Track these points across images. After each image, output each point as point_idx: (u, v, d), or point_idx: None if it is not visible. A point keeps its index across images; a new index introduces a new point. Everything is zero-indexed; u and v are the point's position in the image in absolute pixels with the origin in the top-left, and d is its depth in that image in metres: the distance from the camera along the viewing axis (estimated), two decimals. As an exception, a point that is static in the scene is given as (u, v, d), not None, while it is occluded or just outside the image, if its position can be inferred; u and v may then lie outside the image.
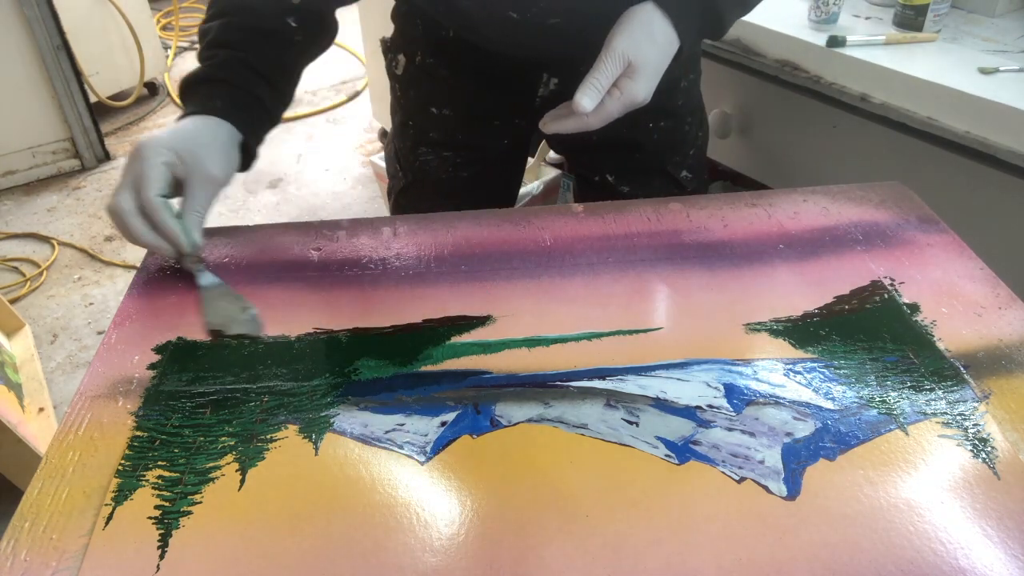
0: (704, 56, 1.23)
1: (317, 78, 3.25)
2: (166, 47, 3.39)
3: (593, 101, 0.66)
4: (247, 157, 0.73)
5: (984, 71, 0.95)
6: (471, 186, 0.97)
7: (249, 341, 0.62)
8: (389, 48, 0.94)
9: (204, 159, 0.66)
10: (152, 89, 3.07)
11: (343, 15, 0.82)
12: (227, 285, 0.67)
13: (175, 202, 0.67)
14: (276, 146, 2.77)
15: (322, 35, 0.79)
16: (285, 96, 0.76)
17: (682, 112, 0.94)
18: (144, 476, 0.51)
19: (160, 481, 0.51)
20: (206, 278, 0.68)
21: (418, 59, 0.90)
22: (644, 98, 0.69)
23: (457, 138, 0.94)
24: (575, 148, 0.98)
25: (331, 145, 2.78)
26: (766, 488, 0.49)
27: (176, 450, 0.53)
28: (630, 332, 0.62)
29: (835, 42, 1.04)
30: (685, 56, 0.70)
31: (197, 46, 0.77)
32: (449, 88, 0.90)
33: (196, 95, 0.70)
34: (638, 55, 0.66)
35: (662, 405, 0.56)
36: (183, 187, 0.67)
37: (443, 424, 0.55)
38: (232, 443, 0.53)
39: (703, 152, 1.01)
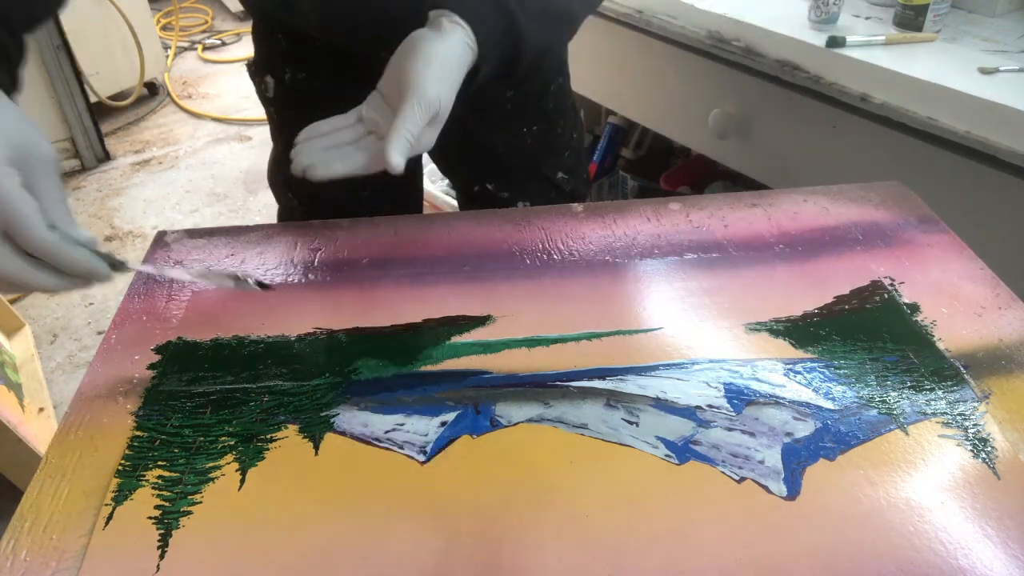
0: (704, 56, 1.24)
1: (317, 78, 3.24)
2: (166, 47, 3.40)
3: (405, 158, 0.58)
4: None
5: (984, 71, 0.95)
6: (372, 202, 0.88)
7: (260, 340, 0.62)
8: (255, 72, 0.88)
9: (36, 142, 0.51)
10: (152, 89, 3.07)
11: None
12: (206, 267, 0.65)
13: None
14: (276, 146, 2.77)
15: None
16: (24, 34, 0.64)
17: (553, 116, 0.94)
18: (144, 476, 0.51)
19: (160, 481, 0.51)
20: (173, 271, 0.63)
21: (288, 76, 0.85)
22: (431, 146, 0.62)
23: None
24: (450, 160, 0.96)
25: (331, 145, 2.77)
26: (766, 488, 0.49)
27: (176, 450, 0.53)
28: (630, 332, 0.62)
29: (835, 42, 1.04)
30: (551, 60, 0.64)
31: (198, 46, 0.73)
32: (328, 100, 0.77)
33: None
34: (447, 102, 0.59)
35: (662, 405, 0.56)
36: (31, 186, 0.49)
37: (443, 424, 0.55)
38: (232, 443, 0.53)
39: (579, 153, 1.02)
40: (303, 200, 0.92)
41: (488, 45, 0.61)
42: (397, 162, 0.57)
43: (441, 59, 0.58)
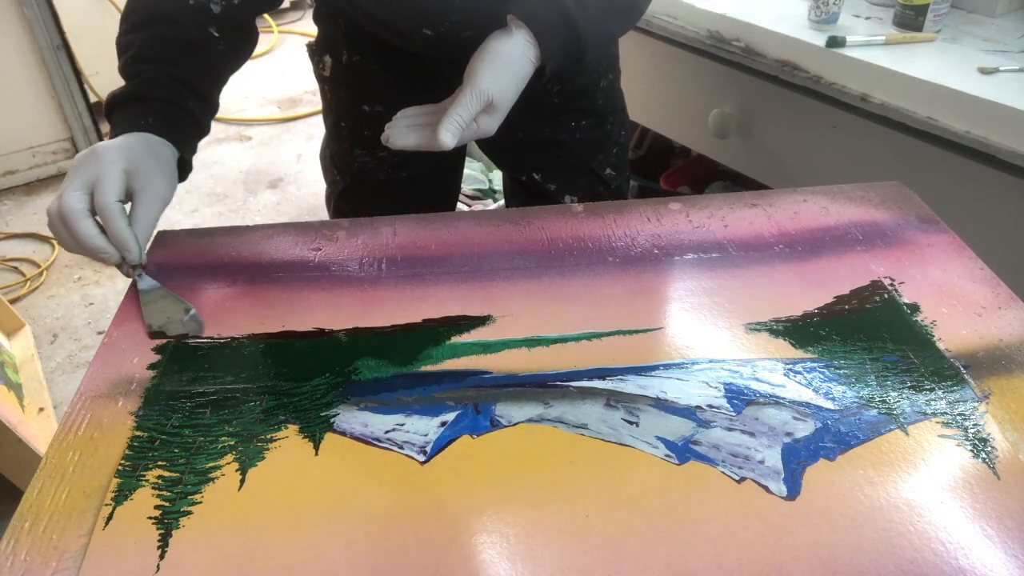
0: (704, 56, 1.24)
1: (317, 78, 3.24)
2: (166, 47, 3.39)
3: (455, 138, 0.65)
4: (183, 171, 0.72)
5: (984, 71, 0.95)
6: (411, 187, 0.97)
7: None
8: (315, 51, 0.93)
9: (155, 176, 0.65)
10: (152, 89, 3.07)
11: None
12: (165, 288, 0.67)
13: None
14: (276, 146, 2.77)
15: (244, 44, 0.78)
16: (213, 106, 0.76)
17: (604, 112, 0.96)
18: (144, 476, 0.51)
19: (160, 481, 0.51)
20: (145, 282, 0.67)
21: (344, 58, 0.89)
22: (493, 131, 0.69)
23: None
24: (501, 149, 0.98)
25: (331, 145, 2.77)
26: (766, 488, 0.49)
27: (176, 450, 0.53)
28: (630, 332, 0.62)
29: (835, 42, 1.04)
30: (601, 57, 0.69)
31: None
32: (378, 84, 0.89)
33: (127, 112, 0.69)
34: (500, 94, 0.66)
35: (662, 405, 0.56)
36: (132, 200, 0.65)
37: (443, 424, 0.55)
38: (232, 443, 0.53)
39: (625, 151, 1.04)
40: (346, 176, 0.97)
41: (548, 41, 0.67)
42: (444, 139, 0.64)
43: (499, 55, 0.66)
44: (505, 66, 0.66)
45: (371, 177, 0.96)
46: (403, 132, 0.68)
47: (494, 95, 0.66)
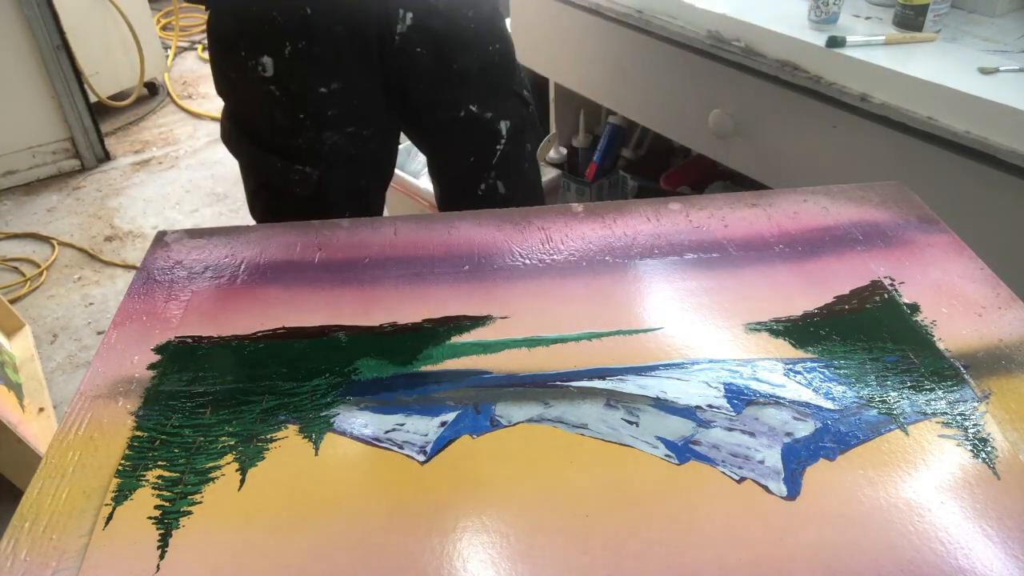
0: (704, 56, 1.23)
1: (317, 78, 3.24)
2: (166, 47, 3.39)
3: None
4: None
5: (984, 71, 0.95)
6: (382, 157, 1.01)
7: (260, 340, 0.62)
8: (244, 58, 0.91)
9: None
10: (152, 89, 3.07)
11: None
12: None
13: None
14: (276, 146, 2.76)
15: None
16: None
17: (505, 34, 1.02)
18: (144, 476, 0.51)
19: (160, 481, 0.51)
20: None
21: (288, 50, 0.90)
22: None
23: (353, 104, 0.95)
24: (438, 85, 1.00)
25: (331, 145, 2.77)
26: (766, 488, 0.49)
27: (176, 450, 0.53)
28: (630, 332, 0.62)
29: (835, 42, 1.04)
30: None
31: (198, 46, 0.76)
32: (328, 62, 0.91)
33: None
34: None
35: (662, 405, 0.56)
36: None
37: (443, 424, 0.55)
38: (232, 443, 0.53)
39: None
40: (319, 164, 0.96)
41: None
42: None
43: None
44: None
45: (344, 155, 0.96)
46: None
47: None
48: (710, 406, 0.55)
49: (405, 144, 1.39)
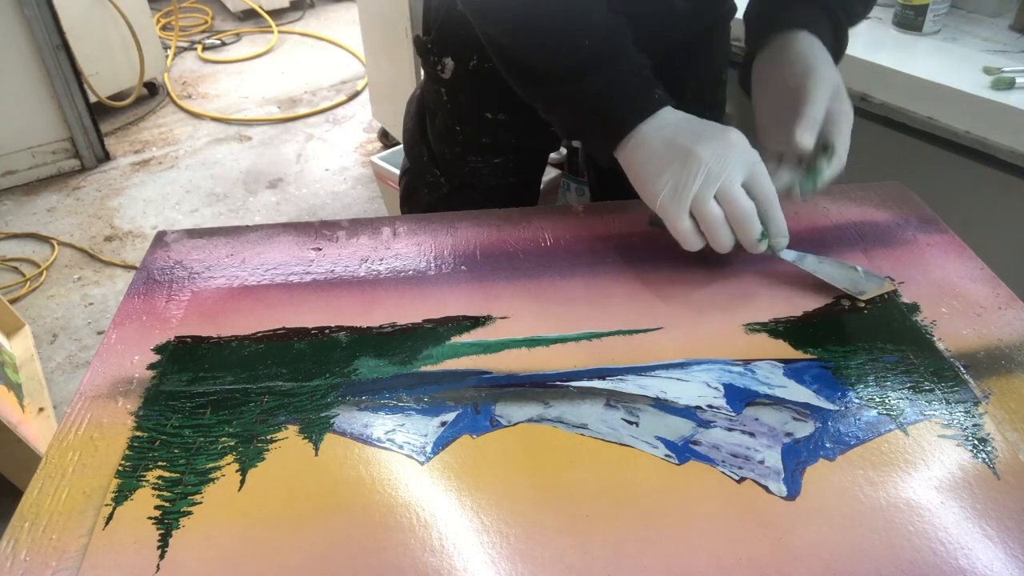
0: (704, 56, 1.23)
1: (317, 78, 3.25)
2: (166, 47, 3.40)
3: (813, 136, 0.69)
4: None
5: (989, 71, 0.95)
6: (518, 190, 0.95)
7: (260, 340, 0.62)
8: (431, 49, 0.87)
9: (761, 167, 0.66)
10: (152, 89, 3.07)
11: (342, 15, 0.81)
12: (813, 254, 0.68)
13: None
14: (276, 146, 2.77)
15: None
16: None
17: (722, 107, 0.98)
18: (144, 476, 0.51)
19: (160, 481, 0.51)
20: (788, 254, 0.67)
21: (472, 63, 0.84)
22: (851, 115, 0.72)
23: (511, 143, 0.90)
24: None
25: (331, 145, 2.78)
26: (766, 488, 0.49)
27: (176, 450, 0.53)
28: (630, 332, 0.62)
29: (835, 42, 1.04)
30: (725, 51, 0.76)
31: (198, 46, 0.72)
32: (508, 92, 0.79)
33: (655, 97, 0.69)
34: (837, 77, 0.71)
35: (662, 405, 0.56)
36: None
37: (443, 424, 0.55)
38: (232, 443, 0.53)
39: None
40: (452, 179, 0.94)
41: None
42: (803, 140, 0.68)
43: (813, 51, 0.72)
44: (821, 57, 0.70)
45: (483, 183, 0.92)
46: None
47: (837, 80, 0.70)
48: (710, 406, 0.55)
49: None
